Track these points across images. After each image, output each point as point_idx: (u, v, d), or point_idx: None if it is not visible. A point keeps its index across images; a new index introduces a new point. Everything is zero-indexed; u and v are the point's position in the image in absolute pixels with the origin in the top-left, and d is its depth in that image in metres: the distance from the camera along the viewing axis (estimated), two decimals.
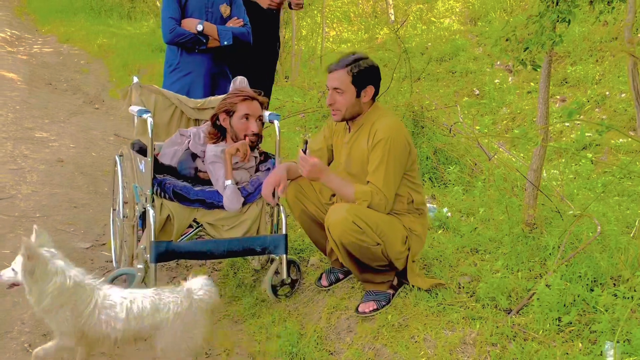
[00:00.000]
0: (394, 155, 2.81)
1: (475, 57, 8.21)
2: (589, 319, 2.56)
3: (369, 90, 2.90)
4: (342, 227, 2.74)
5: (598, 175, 4.54)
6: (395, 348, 2.66)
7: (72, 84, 8.93)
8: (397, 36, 6.24)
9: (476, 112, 6.67)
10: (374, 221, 2.77)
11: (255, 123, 3.24)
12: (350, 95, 2.89)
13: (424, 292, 2.93)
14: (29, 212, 4.28)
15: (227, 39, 3.96)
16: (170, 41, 3.93)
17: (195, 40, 3.91)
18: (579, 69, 6.76)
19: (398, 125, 2.90)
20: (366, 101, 2.92)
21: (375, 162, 2.82)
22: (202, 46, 3.94)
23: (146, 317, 2.43)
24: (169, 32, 3.89)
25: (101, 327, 2.42)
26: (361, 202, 2.81)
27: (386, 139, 2.80)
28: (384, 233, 2.78)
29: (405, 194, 2.93)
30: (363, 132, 2.92)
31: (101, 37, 11.49)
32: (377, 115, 2.93)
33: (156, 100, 3.51)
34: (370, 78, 2.91)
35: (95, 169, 5.42)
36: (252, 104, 3.25)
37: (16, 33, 12.46)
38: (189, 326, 2.48)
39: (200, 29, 3.88)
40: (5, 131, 6.00)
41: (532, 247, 3.15)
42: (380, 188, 2.79)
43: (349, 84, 2.88)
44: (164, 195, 3.06)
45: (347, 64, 2.89)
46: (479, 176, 4.36)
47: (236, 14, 4.09)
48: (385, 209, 2.83)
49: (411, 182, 2.95)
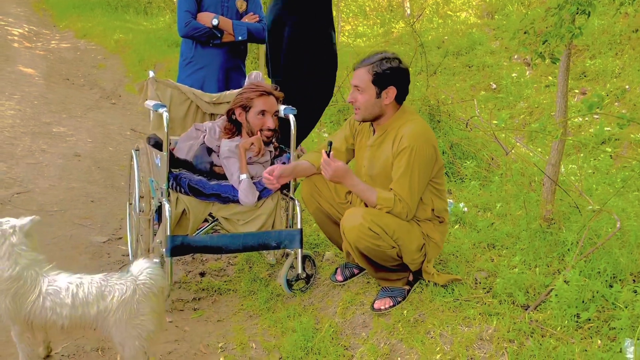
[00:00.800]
0: (418, 164, 2.75)
1: (492, 50, 8.13)
2: (608, 316, 2.52)
3: (391, 92, 2.82)
4: (357, 233, 2.72)
5: (617, 170, 4.47)
6: (411, 343, 2.65)
7: (89, 79, 9.00)
8: (413, 30, 6.19)
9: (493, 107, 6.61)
10: (390, 226, 2.74)
11: (271, 119, 3.23)
12: (369, 95, 2.83)
13: (440, 288, 2.91)
14: (46, 206, 4.31)
15: (242, 34, 3.96)
16: (185, 35, 3.95)
17: (210, 34, 3.92)
18: (598, 63, 6.66)
19: (425, 132, 2.81)
20: (388, 103, 2.84)
21: (399, 170, 2.77)
22: (216, 40, 3.95)
23: (92, 303, 2.35)
24: (184, 26, 3.91)
25: (46, 315, 2.35)
26: (382, 208, 2.78)
27: (411, 147, 2.73)
28: (400, 238, 2.76)
29: (428, 202, 2.88)
30: (389, 136, 2.86)
31: (118, 32, 11.55)
32: (404, 120, 2.85)
33: (172, 95, 3.52)
34: (393, 79, 2.81)
35: (111, 163, 5.45)
36: (268, 99, 3.24)
37: (34, 29, 12.57)
38: (134, 313, 2.38)
39: (215, 23, 3.89)
40: (23, 126, 6.06)
41: (550, 242, 3.11)
42: (404, 197, 2.75)
43: (368, 82, 2.82)
44: (180, 190, 3.07)
45: (371, 62, 2.82)
46: (496, 171, 4.32)
47: (252, 9, 4.07)
48: (407, 217, 2.80)
49: (436, 188, 2.90)
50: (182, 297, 3.36)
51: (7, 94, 7.20)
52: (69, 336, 2.56)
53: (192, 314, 3.23)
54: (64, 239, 3.85)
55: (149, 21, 13.15)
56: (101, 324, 2.38)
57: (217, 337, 3.04)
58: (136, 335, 2.40)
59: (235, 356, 2.88)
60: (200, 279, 3.58)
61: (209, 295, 3.40)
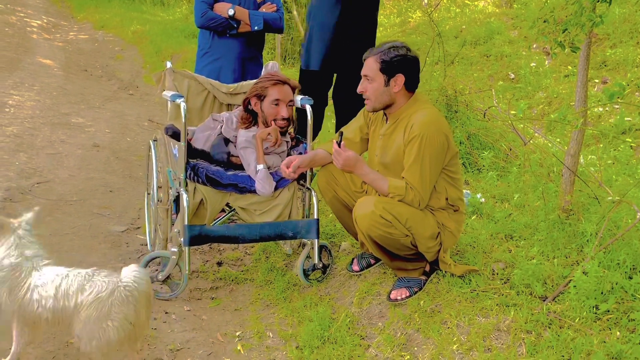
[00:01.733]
0: (429, 152, 2.74)
1: (511, 40, 8.04)
2: (627, 307, 2.50)
3: (399, 79, 2.83)
4: (369, 221, 2.73)
5: (638, 161, 4.41)
6: (427, 333, 2.65)
7: (107, 70, 9.06)
8: (430, 19, 6.14)
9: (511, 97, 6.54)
10: (402, 214, 2.74)
11: (285, 108, 3.23)
12: (378, 84, 2.85)
13: (457, 279, 2.90)
14: (66, 196, 4.36)
15: (258, 24, 3.97)
16: (202, 25, 3.97)
17: (226, 24, 3.94)
18: (618, 52, 6.56)
19: (436, 121, 2.80)
20: (397, 90, 2.85)
21: (410, 159, 2.77)
22: (232, 31, 3.96)
23: (72, 295, 2.29)
24: (200, 16, 3.93)
25: (34, 307, 2.33)
26: (394, 197, 2.78)
27: (422, 135, 2.73)
28: (412, 227, 2.76)
29: (442, 191, 2.87)
30: (400, 125, 2.87)
31: (135, 23, 11.61)
32: (415, 108, 2.86)
33: (189, 85, 3.53)
34: (401, 67, 2.83)
35: (130, 153, 5.50)
36: (283, 88, 3.24)
37: (52, 20, 12.68)
38: (104, 314, 2.28)
39: (231, 13, 3.90)
40: (43, 117, 6.13)
41: (568, 233, 3.09)
42: (415, 185, 2.75)
43: (377, 71, 2.84)
44: (197, 180, 3.09)
45: (379, 51, 2.85)
46: (514, 161, 4.28)
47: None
48: (420, 205, 2.79)
49: (450, 177, 2.89)
50: (199, 286, 3.38)
51: (26, 85, 7.28)
52: (54, 330, 2.51)
53: (209, 303, 3.25)
54: (83, 228, 3.89)
55: (165, 12, 13.19)
56: (75, 318, 2.31)
57: (234, 326, 3.07)
58: (96, 337, 2.30)
59: (252, 345, 2.91)
60: (217, 268, 3.61)
61: (226, 285, 3.42)
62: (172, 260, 3.09)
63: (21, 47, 9.59)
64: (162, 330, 2.93)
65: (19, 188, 4.31)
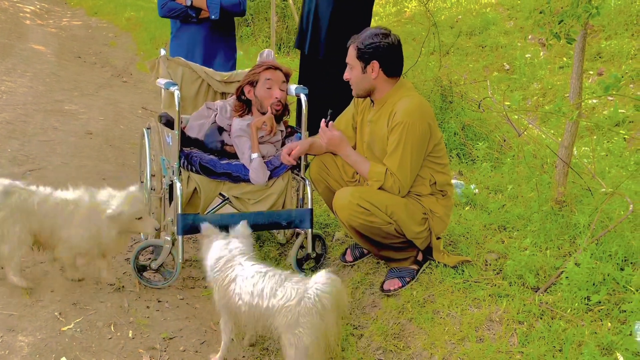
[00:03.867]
0: (411, 140, 2.76)
1: (506, 31, 8.02)
2: (618, 299, 2.51)
3: (374, 66, 2.84)
4: (348, 211, 2.74)
5: (631, 153, 4.42)
6: (420, 324, 2.66)
7: (100, 57, 8.99)
8: (426, 9, 6.12)
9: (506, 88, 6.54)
10: (382, 202, 2.74)
11: (278, 90, 3.23)
12: (357, 71, 2.89)
13: (450, 269, 2.91)
14: (59, 183, 4.33)
15: (215, 12, 4.12)
16: (164, 15, 4.19)
17: (186, 13, 4.11)
18: (613, 44, 6.56)
19: (419, 108, 2.81)
20: (374, 77, 2.86)
21: (392, 146, 2.78)
22: (192, 19, 4.13)
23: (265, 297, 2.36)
24: (161, 7, 4.17)
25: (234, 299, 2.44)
26: (373, 183, 2.80)
27: (404, 123, 2.75)
28: (394, 213, 2.76)
29: (427, 176, 2.88)
30: (384, 111, 2.88)
31: (129, 10, 11.52)
32: (399, 95, 2.87)
33: (183, 73, 3.51)
34: (376, 54, 2.83)
35: (123, 141, 5.47)
36: (274, 72, 3.25)
37: (45, 6, 12.56)
38: (294, 322, 2.30)
39: (189, 3, 4.07)
40: (35, 103, 6.08)
41: (561, 225, 3.10)
42: (395, 172, 2.76)
43: (354, 58, 2.88)
44: (191, 168, 3.08)
45: (357, 39, 2.88)
46: (508, 152, 4.29)
47: None
48: (400, 192, 2.80)
49: (435, 162, 2.90)
50: (192, 275, 3.38)
51: (19, 72, 7.22)
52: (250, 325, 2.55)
53: (202, 291, 3.25)
54: None
55: None
56: (271, 321, 2.37)
57: None
58: (294, 344, 2.32)
59: (244, 333, 2.91)
60: None
61: None
62: (166, 248, 3.09)
63: (14, 33, 9.50)
64: (155, 318, 2.93)
65: (11, 175, 4.27)
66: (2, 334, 2.61)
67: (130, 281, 3.19)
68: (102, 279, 3.10)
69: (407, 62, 3.20)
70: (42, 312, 2.82)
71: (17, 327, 2.68)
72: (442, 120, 4.67)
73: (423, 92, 4.86)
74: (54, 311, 2.83)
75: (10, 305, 2.83)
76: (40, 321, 2.75)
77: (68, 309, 2.87)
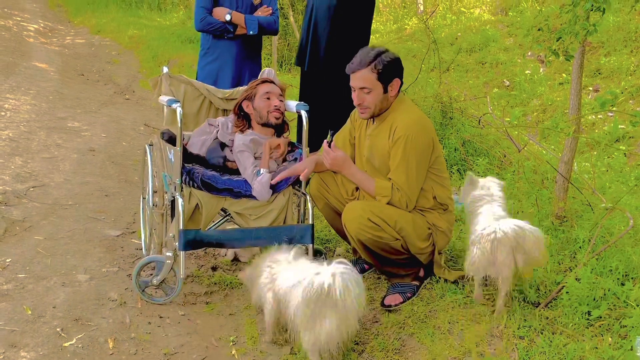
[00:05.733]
0: (415, 153, 2.78)
1: (506, 47, 8.09)
2: (619, 314, 2.52)
3: (395, 84, 2.87)
4: (357, 224, 2.75)
5: (631, 168, 4.44)
6: (421, 339, 2.66)
7: (103, 74, 9.06)
8: (426, 26, 6.18)
9: (506, 104, 6.58)
10: (391, 217, 2.76)
11: (277, 99, 3.28)
12: (377, 93, 2.86)
13: (451, 284, 2.92)
14: (61, 200, 4.36)
15: (253, 28, 4.18)
16: (201, 29, 4.21)
17: (223, 29, 4.15)
18: (613, 60, 6.61)
19: (420, 121, 2.84)
20: (394, 94, 2.90)
21: (396, 160, 2.80)
22: (229, 34, 4.17)
23: (289, 287, 2.47)
24: (200, 21, 4.16)
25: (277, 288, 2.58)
26: (381, 198, 2.81)
27: (406, 136, 2.77)
28: (402, 228, 2.77)
29: (429, 189, 2.90)
30: (385, 125, 2.90)
31: (132, 28, 11.62)
32: (400, 109, 2.90)
33: (185, 91, 3.55)
34: (395, 71, 2.87)
35: (125, 158, 5.50)
36: (270, 85, 3.33)
37: (49, 24, 12.69)
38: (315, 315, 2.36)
39: (228, 18, 4.11)
40: (39, 121, 6.13)
41: (561, 240, 3.11)
42: (402, 186, 2.78)
43: (375, 81, 2.84)
44: (193, 184, 3.10)
45: (370, 61, 2.84)
46: (508, 168, 4.31)
47: (266, 2, 4.27)
48: (407, 207, 2.82)
49: (436, 175, 2.92)
50: (194, 290, 3.38)
51: (22, 89, 7.28)
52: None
53: (204, 307, 3.25)
54: (78, 232, 3.89)
55: (162, 17, 13.21)
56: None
57: (229, 330, 3.07)
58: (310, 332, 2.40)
59: (247, 349, 2.91)
60: (212, 273, 3.61)
61: (221, 289, 3.42)
62: (167, 264, 3.10)
63: (18, 51, 9.59)
64: (156, 334, 2.93)
65: (14, 192, 4.31)
66: (4, 349, 2.61)
67: (132, 297, 3.19)
68: None
69: (407, 79, 3.23)
70: (43, 328, 2.82)
71: (19, 343, 2.68)
72: (443, 136, 4.69)
73: (423, 109, 4.89)
74: (56, 327, 2.84)
75: (12, 321, 2.84)
76: (42, 337, 2.75)
77: (70, 324, 2.88)
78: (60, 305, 3.03)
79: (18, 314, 2.89)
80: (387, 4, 11.64)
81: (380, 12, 11.25)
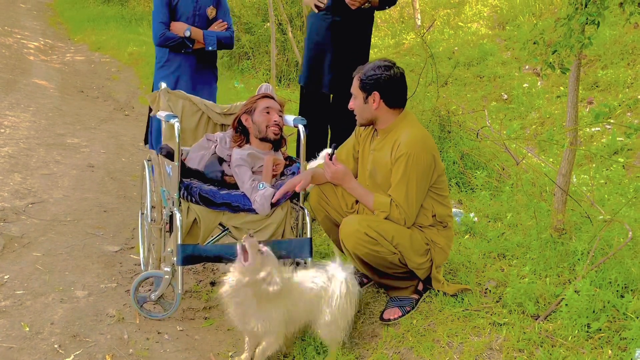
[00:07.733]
0: (416, 171, 2.78)
1: (504, 61, 8.12)
2: (619, 326, 2.50)
3: (375, 97, 2.89)
4: (354, 239, 2.75)
5: (630, 180, 4.44)
6: (420, 353, 2.64)
7: (103, 91, 9.10)
8: (423, 41, 6.21)
9: (504, 117, 6.59)
10: (388, 232, 2.76)
11: (276, 115, 3.30)
12: (359, 101, 2.93)
13: (450, 297, 2.91)
14: (60, 216, 4.36)
15: (212, 44, 4.28)
16: (160, 44, 4.28)
17: (182, 43, 4.22)
18: (609, 73, 6.63)
19: (422, 139, 2.85)
20: (375, 107, 2.90)
21: (397, 177, 2.80)
22: (188, 49, 4.26)
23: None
24: (159, 37, 4.24)
25: None
26: (379, 213, 2.81)
27: (408, 154, 2.78)
28: (399, 244, 2.77)
29: (429, 207, 2.90)
30: (389, 141, 2.90)
31: (131, 45, 11.68)
32: (403, 126, 2.91)
33: (183, 106, 3.57)
34: (376, 85, 2.88)
35: (124, 174, 5.50)
36: (270, 100, 3.35)
37: (49, 42, 12.75)
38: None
39: (187, 34, 4.20)
40: (38, 137, 6.14)
41: (560, 252, 3.10)
42: (401, 204, 2.78)
43: (357, 89, 2.93)
44: (191, 199, 3.10)
45: (361, 70, 2.93)
46: (506, 181, 4.31)
47: (221, 16, 4.38)
48: (406, 224, 2.82)
49: (437, 194, 2.92)
50: (192, 306, 3.37)
51: (22, 106, 7.30)
52: None
53: (202, 322, 3.24)
54: (77, 248, 3.89)
55: None
56: None
57: (228, 345, 3.05)
58: None
59: None
60: (211, 288, 3.60)
61: (220, 304, 3.41)
62: (165, 280, 3.09)
63: (17, 68, 9.63)
64: (154, 350, 2.92)
65: (13, 208, 4.31)
66: None
67: (130, 313, 3.18)
68: None
69: None
70: (41, 345, 2.81)
71: None
72: (441, 149, 4.70)
73: (422, 122, 4.88)
74: (54, 343, 2.83)
75: (9, 337, 2.82)
76: (40, 354, 2.74)
77: (67, 341, 2.87)
78: (58, 321, 3.01)
79: (16, 331, 2.87)
80: (385, 19, 11.71)
81: (379, 27, 11.31)
